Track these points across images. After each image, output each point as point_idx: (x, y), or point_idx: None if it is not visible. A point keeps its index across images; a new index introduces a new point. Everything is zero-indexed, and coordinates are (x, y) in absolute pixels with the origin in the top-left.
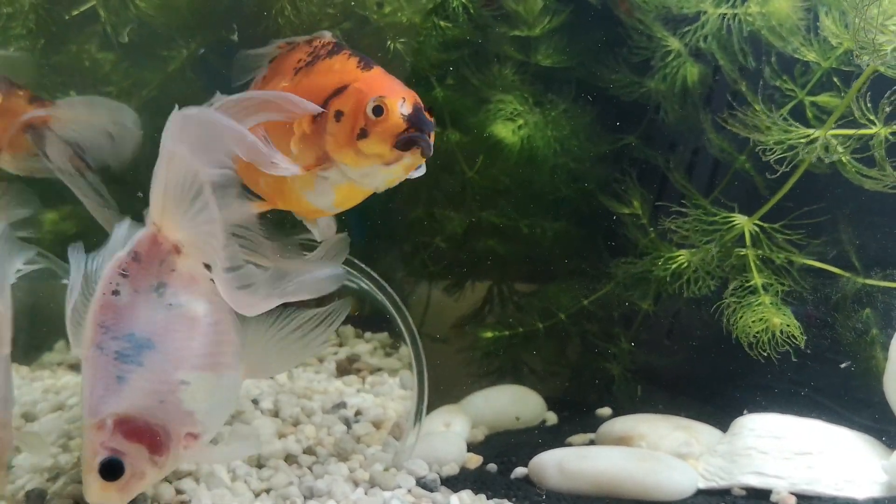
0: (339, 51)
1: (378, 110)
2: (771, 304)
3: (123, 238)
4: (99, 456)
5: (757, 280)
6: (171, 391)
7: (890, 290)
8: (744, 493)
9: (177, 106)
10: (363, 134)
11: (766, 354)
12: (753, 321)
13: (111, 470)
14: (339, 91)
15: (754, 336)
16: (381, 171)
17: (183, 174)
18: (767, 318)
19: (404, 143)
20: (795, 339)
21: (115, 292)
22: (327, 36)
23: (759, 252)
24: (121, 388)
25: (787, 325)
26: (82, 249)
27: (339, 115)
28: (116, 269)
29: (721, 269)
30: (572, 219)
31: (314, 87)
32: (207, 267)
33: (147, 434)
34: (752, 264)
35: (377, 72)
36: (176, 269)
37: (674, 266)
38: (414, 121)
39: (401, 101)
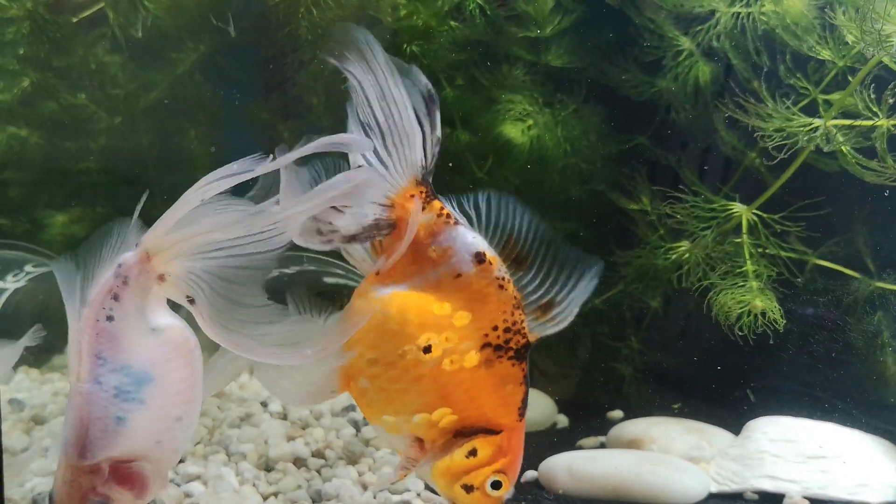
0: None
1: (496, 485)
2: (758, 289)
3: (115, 244)
4: (89, 502)
5: (749, 267)
6: (167, 430)
7: None
8: (756, 497)
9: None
10: (469, 488)
11: (743, 335)
12: (735, 303)
13: None
14: (488, 431)
15: (735, 318)
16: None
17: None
18: (749, 300)
19: None
20: (776, 323)
21: (110, 318)
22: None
23: (757, 244)
24: (119, 430)
25: (770, 310)
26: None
27: (472, 453)
28: (108, 293)
29: (717, 256)
30: (582, 219)
31: (489, 391)
32: (189, 300)
33: (137, 479)
34: (745, 253)
35: (522, 428)
36: (151, 292)
37: (674, 256)
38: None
39: (511, 489)
